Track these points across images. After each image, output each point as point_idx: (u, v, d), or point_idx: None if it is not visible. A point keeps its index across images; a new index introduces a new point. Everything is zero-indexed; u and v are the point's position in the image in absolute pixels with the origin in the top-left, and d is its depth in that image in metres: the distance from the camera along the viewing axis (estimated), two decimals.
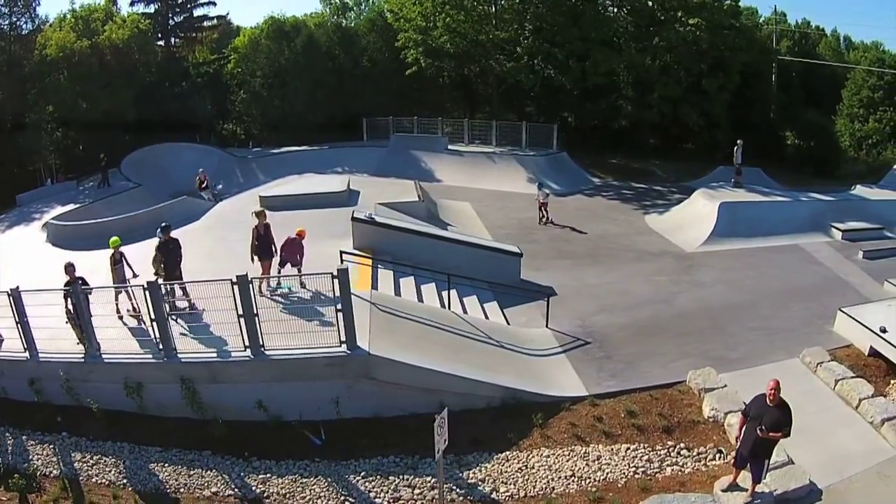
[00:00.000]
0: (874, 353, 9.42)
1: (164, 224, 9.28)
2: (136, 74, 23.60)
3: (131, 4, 26.13)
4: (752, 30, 24.78)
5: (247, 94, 24.57)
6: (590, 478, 7.19)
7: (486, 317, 10.32)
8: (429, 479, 6.89)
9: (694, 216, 15.41)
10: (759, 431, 6.16)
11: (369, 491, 6.86)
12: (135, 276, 8.74)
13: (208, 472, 7.01)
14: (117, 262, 8.75)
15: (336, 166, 21.17)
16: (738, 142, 17.87)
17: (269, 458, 7.19)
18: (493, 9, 22.47)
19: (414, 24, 22.21)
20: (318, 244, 10.76)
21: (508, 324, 10.26)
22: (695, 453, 7.54)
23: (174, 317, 8.24)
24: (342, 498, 6.78)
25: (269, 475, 7.04)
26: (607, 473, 7.26)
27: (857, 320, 9.99)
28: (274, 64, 24.02)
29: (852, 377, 8.79)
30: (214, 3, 27.11)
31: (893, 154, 28.54)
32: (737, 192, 16.89)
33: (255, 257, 9.32)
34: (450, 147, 21.03)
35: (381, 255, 11.53)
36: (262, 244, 9.34)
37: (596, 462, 7.39)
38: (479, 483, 7.03)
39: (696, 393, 8.42)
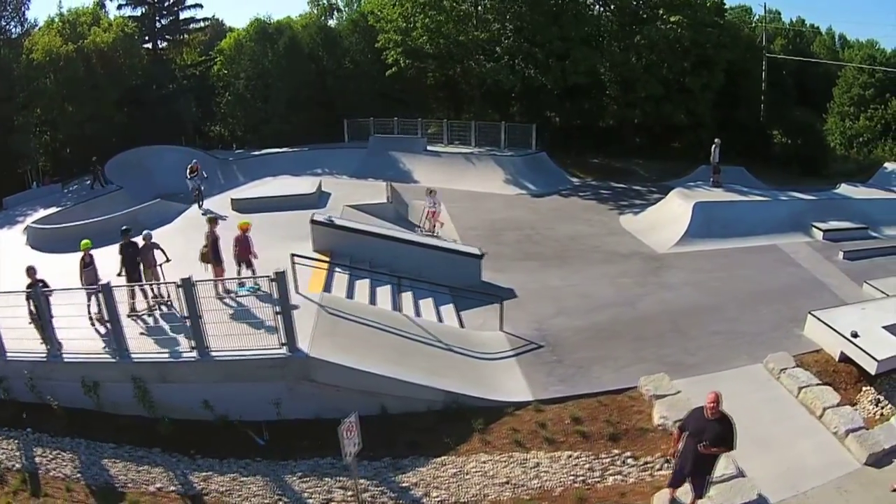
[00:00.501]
0: (845, 358, 9.00)
1: (123, 227, 9.31)
2: (122, 77, 23.50)
3: (119, 8, 26.15)
4: (737, 27, 24.29)
5: (231, 96, 24.41)
6: (525, 485, 6.86)
7: (440, 320, 9.99)
8: (362, 481, 6.76)
9: (668, 216, 14.98)
10: (701, 448, 5.74)
11: (303, 491, 6.79)
12: (97, 280, 8.68)
13: (155, 468, 7.12)
14: (87, 264, 8.77)
15: (316, 168, 20.92)
16: (716, 140, 17.36)
17: (213, 456, 7.19)
18: (476, 9, 22.13)
19: (394, 25, 21.94)
20: (286, 246, 10.67)
21: (463, 326, 9.92)
22: (641, 462, 7.16)
23: (135, 318, 8.41)
24: (276, 497, 6.74)
25: (211, 473, 7.02)
26: (544, 481, 6.91)
27: (827, 324, 9.46)
28: (257, 66, 23.86)
29: (818, 384, 8.35)
30: (201, 6, 27.05)
31: (884, 152, 27.95)
32: (714, 192, 16.41)
33: (210, 263, 9.39)
34: (429, 148, 20.74)
35: (340, 257, 11.31)
36: (215, 249, 9.40)
37: (534, 469, 7.05)
38: (412, 487, 6.81)
39: (646, 400, 8.02)
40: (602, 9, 22.77)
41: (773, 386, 8.48)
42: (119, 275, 8.72)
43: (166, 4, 26.34)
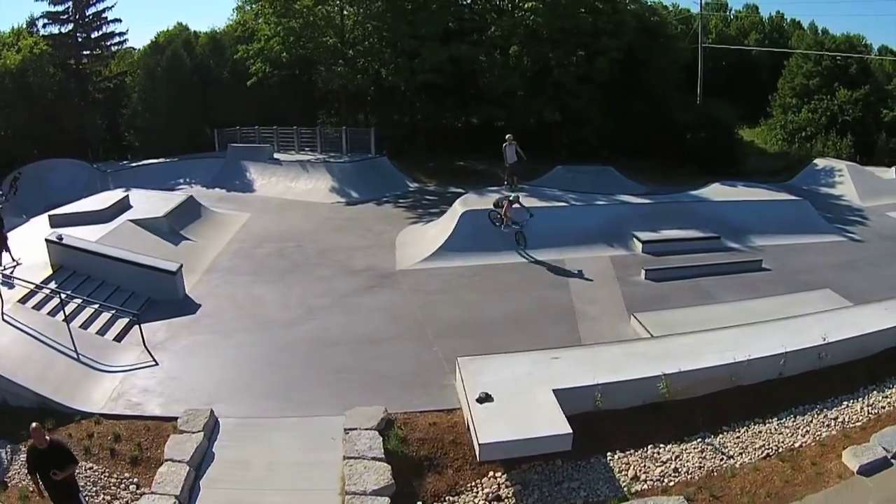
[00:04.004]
0: None
1: None
2: (32, 96, 26.18)
3: (44, 27, 29.02)
4: (624, 13, 23.08)
5: (129, 108, 26.54)
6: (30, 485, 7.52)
7: (103, 333, 10.92)
8: None
9: (441, 227, 14.91)
10: (54, 476, 6.32)
11: None
12: None
13: None
14: None
15: (180, 177, 22.51)
16: (507, 136, 16.30)
17: None
18: (341, 13, 22.65)
19: (260, 34, 22.98)
20: None
21: (119, 341, 10.78)
22: (138, 493, 7.61)
23: None
24: None
25: None
26: None
27: (462, 377, 7.79)
28: (150, 78, 25.78)
29: (372, 459, 6.97)
30: (120, 20, 29.45)
31: (825, 147, 25.88)
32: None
33: None
34: (274, 156, 21.65)
35: (67, 272, 12.58)
36: None
37: None
38: None
39: None
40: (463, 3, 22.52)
41: (333, 448, 7.44)
42: None
43: (83, 22, 28.84)
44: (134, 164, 23.96)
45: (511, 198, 14.27)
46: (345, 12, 22.34)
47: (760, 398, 8.18)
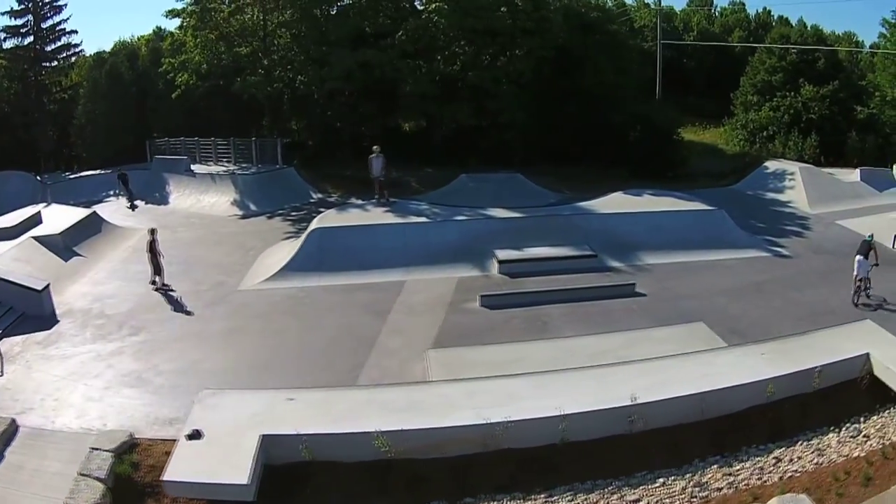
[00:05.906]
0: None
1: None
2: None
3: (5, 40, 33.14)
4: (547, 10, 23.98)
5: (75, 120, 30.14)
6: None
7: None
8: None
9: (294, 244, 16.20)
10: None
11: None
12: None
13: None
14: None
15: (110, 190, 25.63)
16: (374, 148, 17.27)
17: None
18: (264, 23, 24.90)
19: (188, 45, 25.72)
20: None
21: None
22: None
23: None
24: None
25: None
26: None
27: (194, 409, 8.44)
28: (93, 90, 29.23)
29: (95, 479, 7.99)
30: (76, 32, 33.17)
31: (787, 148, 26.14)
32: (372, 213, 17.10)
33: None
34: (190, 168, 24.25)
35: None
36: None
37: None
38: None
39: None
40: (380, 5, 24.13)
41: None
42: None
43: (41, 35, 32.66)
44: (72, 177, 27.39)
45: (867, 237, 12.29)
46: (267, 20, 24.63)
47: (534, 467, 7.30)
